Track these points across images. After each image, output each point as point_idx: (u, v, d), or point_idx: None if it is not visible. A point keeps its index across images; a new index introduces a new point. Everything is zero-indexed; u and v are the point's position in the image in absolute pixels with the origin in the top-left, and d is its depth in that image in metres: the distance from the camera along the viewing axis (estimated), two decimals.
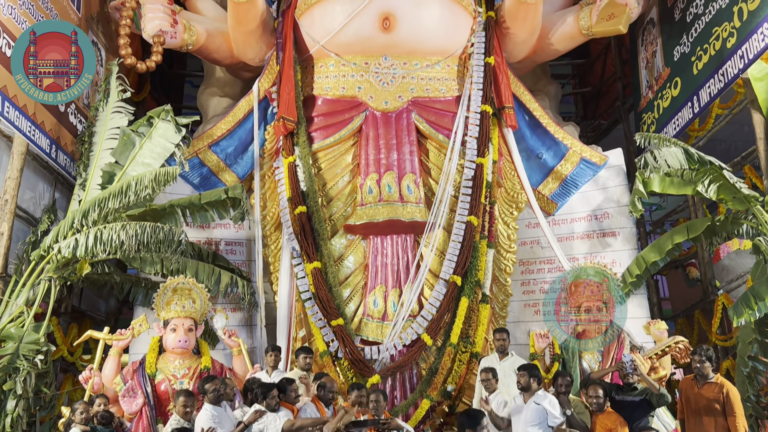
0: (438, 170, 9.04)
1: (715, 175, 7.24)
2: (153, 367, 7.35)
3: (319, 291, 8.37)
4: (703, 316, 9.41)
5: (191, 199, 7.96)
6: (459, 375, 8.19)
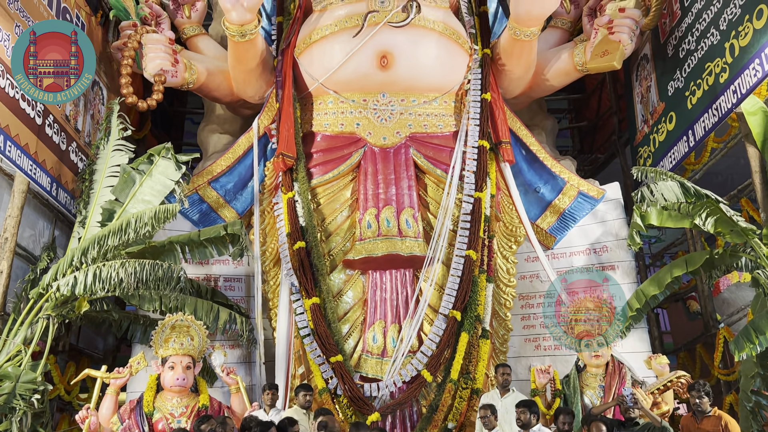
0: (436, 204, 9.09)
1: (712, 208, 7.27)
2: (150, 406, 7.27)
3: (318, 327, 8.33)
4: (705, 350, 9.35)
5: (190, 236, 7.98)
6: (460, 412, 8.10)
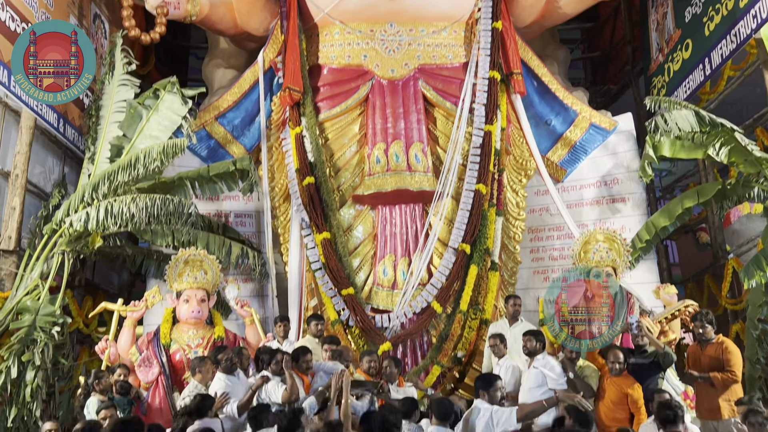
0: (446, 138, 9.00)
1: (727, 137, 7.16)
2: (167, 338, 7.46)
3: (329, 261, 8.42)
4: (713, 281, 9.41)
5: (200, 172, 7.98)
6: (469, 341, 8.26)
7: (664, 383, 6.50)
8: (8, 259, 7.25)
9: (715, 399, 6.01)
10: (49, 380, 6.99)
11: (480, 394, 4.72)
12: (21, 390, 6.65)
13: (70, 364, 7.33)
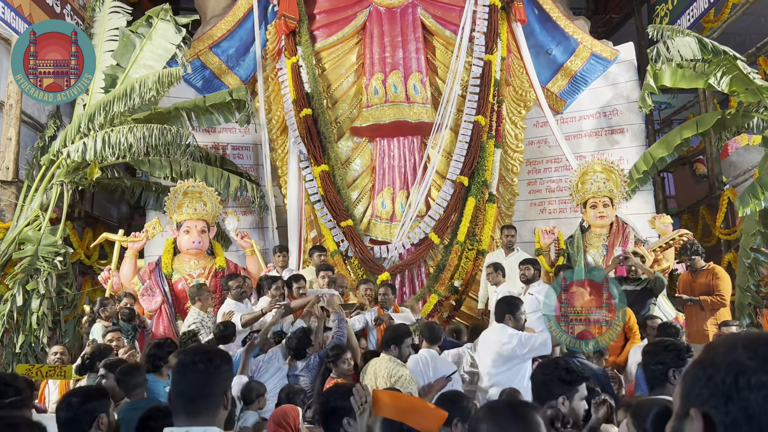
0: (445, 68, 8.86)
1: (728, 66, 7.08)
2: (169, 268, 7.57)
3: (328, 193, 8.45)
4: (708, 211, 9.51)
5: (196, 102, 7.89)
6: (466, 271, 8.39)
7: (656, 310, 6.68)
8: (7, 190, 7.26)
9: (703, 322, 6.20)
10: (54, 309, 7.13)
11: (505, 319, 4.73)
12: (27, 318, 6.79)
13: (73, 293, 7.44)
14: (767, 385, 0.76)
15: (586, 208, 7.79)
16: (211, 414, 1.68)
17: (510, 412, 1.54)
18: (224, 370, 1.75)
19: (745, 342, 0.83)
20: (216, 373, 1.72)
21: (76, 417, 2.54)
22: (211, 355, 1.78)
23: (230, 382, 1.79)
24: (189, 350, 1.85)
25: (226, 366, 1.77)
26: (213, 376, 1.71)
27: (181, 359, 1.79)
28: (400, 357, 4.51)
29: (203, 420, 1.67)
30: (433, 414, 2.10)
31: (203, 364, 1.72)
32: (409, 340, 4.60)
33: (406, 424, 1.99)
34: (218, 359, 1.76)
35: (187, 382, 1.71)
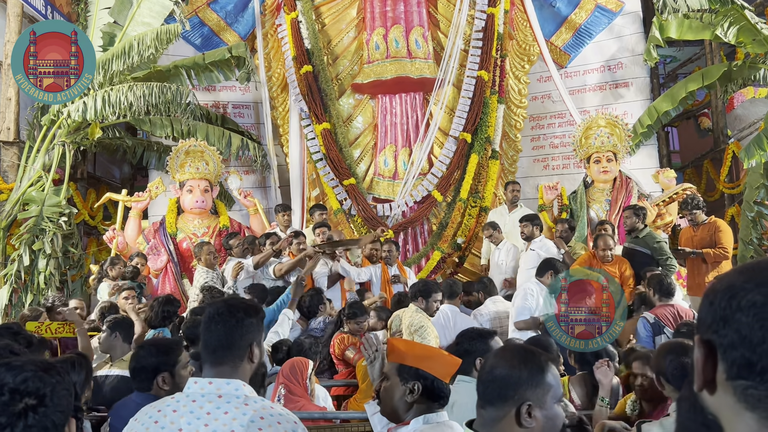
0: (447, 22, 8.71)
1: (736, 16, 6.94)
2: (173, 227, 7.62)
3: (330, 152, 8.41)
4: (712, 166, 9.47)
5: (195, 60, 7.80)
6: (469, 228, 8.41)
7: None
8: (9, 151, 7.25)
9: (704, 275, 6.22)
10: (60, 269, 7.21)
11: (546, 276, 4.91)
12: (35, 277, 6.87)
13: (79, 253, 7.51)
14: (758, 304, 0.77)
15: (590, 163, 7.76)
16: (233, 365, 1.70)
17: (522, 355, 1.54)
18: (248, 322, 1.75)
19: (743, 268, 0.84)
20: (238, 325, 1.73)
21: (143, 368, 2.57)
22: (235, 307, 1.79)
23: (257, 335, 1.77)
24: (216, 302, 1.88)
25: (251, 319, 1.77)
26: (235, 328, 1.73)
27: (208, 311, 1.81)
28: (427, 310, 4.63)
29: (226, 371, 1.69)
30: (447, 360, 2.13)
31: (225, 316, 1.74)
32: (437, 296, 4.73)
33: (421, 369, 2.03)
34: (242, 312, 1.77)
35: (211, 333, 1.74)
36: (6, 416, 1.20)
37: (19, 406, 1.21)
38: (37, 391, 1.23)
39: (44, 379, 1.24)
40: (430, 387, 2.02)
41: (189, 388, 1.64)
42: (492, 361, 1.53)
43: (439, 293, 4.76)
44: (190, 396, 1.62)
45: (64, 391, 1.27)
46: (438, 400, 2.05)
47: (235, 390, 1.62)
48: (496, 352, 1.58)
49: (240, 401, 1.60)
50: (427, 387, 2.02)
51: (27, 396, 1.22)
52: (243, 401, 1.60)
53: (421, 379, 2.02)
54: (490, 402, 1.49)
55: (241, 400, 1.60)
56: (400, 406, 2.05)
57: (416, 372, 2.03)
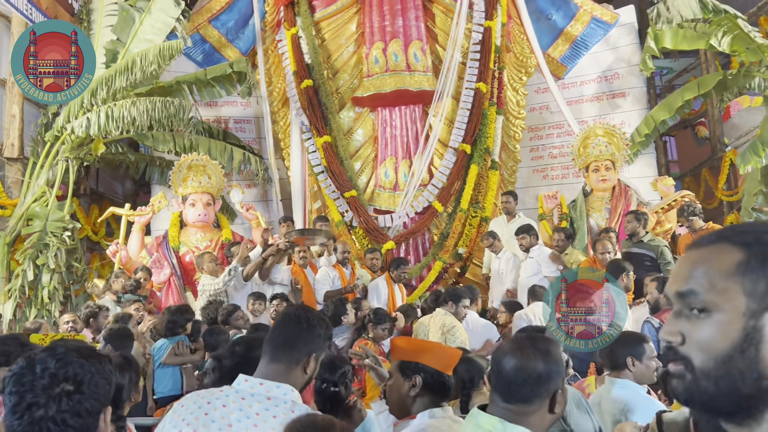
0: (445, 36, 8.83)
1: (729, 25, 7.05)
2: (176, 241, 7.67)
3: (331, 164, 8.49)
4: (710, 174, 9.53)
5: (197, 75, 7.91)
6: (470, 238, 8.46)
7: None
8: (13, 167, 7.32)
9: None
10: (64, 283, 7.23)
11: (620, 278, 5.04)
12: (38, 292, 6.89)
13: (83, 267, 7.54)
14: None
15: (589, 172, 7.84)
16: (288, 367, 1.74)
17: (533, 346, 1.60)
18: (316, 333, 1.79)
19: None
20: (308, 331, 1.78)
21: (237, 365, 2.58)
22: (312, 315, 1.83)
23: (319, 348, 1.80)
24: (295, 306, 1.92)
25: (321, 331, 1.81)
26: (304, 332, 1.77)
27: (285, 310, 1.87)
28: (456, 315, 4.76)
29: (280, 370, 1.72)
30: (447, 353, 2.17)
31: (300, 318, 1.80)
32: (466, 302, 4.87)
33: (421, 363, 2.07)
34: (316, 320, 1.81)
35: (280, 330, 1.79)
36: (43, 398, 1.26)
37: (56, 390, 1.27)
38: (75, 377, 1.29)
39: (84, 366, 1.30)
40: (432, 380, 2.07)
41: (239, 384, 1.68)
42: (517, 362, 1.58)
43: (467, 299, 4.91)
44: (240, 393, 1.65)
45: (102, 380, 1.32)
46: (443, 393, 2.09)
47: (284, 395, 1.66)
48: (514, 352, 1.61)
49: (287, 407, 1.63)
50: (429, 380, 2.06)
51: (65, 381, 1.29)
52: (290, 407, 1.64)
53: (421, 373, 2.06)
54: (524, 400, 1.54)
55: (289, 406, 1.64)
56: (406, 401, 2.10)
57: (416, 366, 2.08)
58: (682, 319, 0.90)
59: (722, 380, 0.85)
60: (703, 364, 0.87)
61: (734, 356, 0.85)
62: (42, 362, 1.28)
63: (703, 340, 0.87)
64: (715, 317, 0.87)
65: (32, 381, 1.27)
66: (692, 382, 0.88)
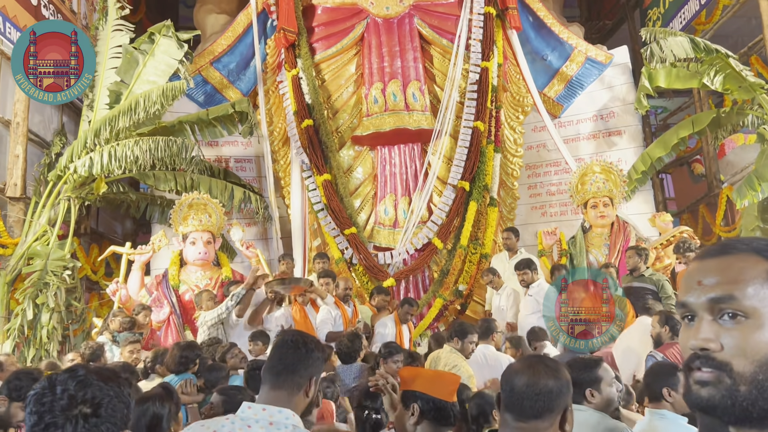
0: (443, 76, 9.00)
1: (721, 64, 7.21)
2: (176, 279, 7.66)
3: (331, 202, 8.55)
4: (708, 210, 9.60)
5: (199, 115, 8.02)
6: (470, 275, 8.46)
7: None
8: (15, 206, 7.36)
9: None
10: (63, 323, 7.19)
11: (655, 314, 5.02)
12: (37, 331, 6.84)
13: (82, 307, 7.51)
14: None
15: (587, 209, 7.90)
16: (291, 392, 1.76)
17: (542, 363, 1.64)
18: (316, 356, 1.83)
19: None
20: (307, 355, 1.81)
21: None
22: (308, 339, 1.88)
23: (318, 371, 1.84)
24: (290, 331, 1.96)
25: (319, 354, 1.85)
26: (303, 357, 1.81)
27: (281, 337, 1.91)
28: (462, 351, 4.64)
29: (282, 396, 1.75)
30: (446, 379, 2.18)
31: (297, 343, 1.83)
32: (473, 337, 4.75)
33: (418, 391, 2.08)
34: (313, 344, 1.86)
35: (279, 356, 1.82)
36: (61, 419, 1.28)
37: (74, 412, 1.29)
38: (93, 400, 1.30)
39: (103, 389, 1.31)
40: (430, 408, 2.07)
41: (243, 412, 1.71)
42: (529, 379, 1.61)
43: (475, 335, 4.78)
44: (245, 420, 1.68)
45: (120, 404, 1.33)
46: (444, 421, 2.09)
47: (285, 419, 1.68)
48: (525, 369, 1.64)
49: (288, 431, 1.66)
50: (427, 408, 2.07)
51: (83, 404, 1.30)
52: (291, 431, 1.66)
53: (418, 401, 2.07)
54: (537, 416, 1.57)
55: (290, 430, 1.66)
56: (408, 430, 2.09)
57: (413, 394, 2.09)
58: (715, 325, 0.92)
59: (765, 384, 0.87)
60: (744, 368, 0.88)
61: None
62: (62, 383, 1.29)
63: (745, 346, 0.89)
64: (756, 322, 0.89)
65: (51, 402, 1.28)
66: (731, 388, 0.89)
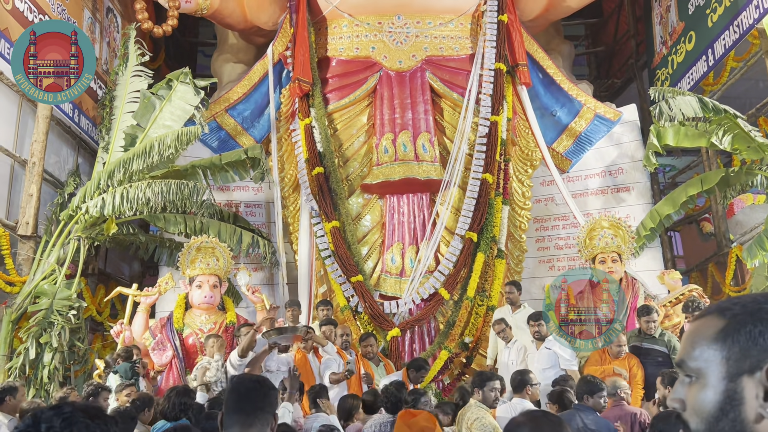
0: (452, 129, 9.14)
1: (730, 124, 7.28)
2: (180, 322, 7.62)
3: (339, 249, 8.56)
4: (717, 269, 9.52)
5: (212, 160, 8.14)
6: (476, 327, 8.38)
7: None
8: (26, 245, 7.41)
9: None
10: (65, 363, 7.15)
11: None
12: (39, 371, 6.80)
13: (85, 347, 7.48)
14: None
15: (595, 264, 7.85)
16: (262, 429, 1.91)
17: (545, 416, 1.72)
18: (273, 394, 2.02)
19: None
20: (269, 393, 2.00)
21: None
22: (262, 378, 2.08)
23: (276, 408, 2.03)
24: (244, 376, 2.08)
25: (274, 392, 2.03)
26: (267, 395, 1.98)
27: (238, 381, 2.07)
28: (485, 401, 4.49)
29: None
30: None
31: (258, 383, 2.01)
32: (492, 384, 4.60)
33: None
34: (268, 383, 2.04)
35: (246, 397, 1.95)
36: None
37: None
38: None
39: (90, 427, 1.30)
40: None
41: None
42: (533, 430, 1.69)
43: (496, 381, 4.62)
44: None
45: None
46: None
47: None
48: (527, 422, 1.72)
49: None
50: None
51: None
52: None
53: None
54: None
55: None
56: None
57: None
58: (682, 386, 1.00)
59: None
60: (697, 426, 0.95)
61: (720, 418, 0.93)
62: (48, 420, 1.28)
63: (694, 405, 0.96)
64: (702, 382, 0.96)
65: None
66: None
